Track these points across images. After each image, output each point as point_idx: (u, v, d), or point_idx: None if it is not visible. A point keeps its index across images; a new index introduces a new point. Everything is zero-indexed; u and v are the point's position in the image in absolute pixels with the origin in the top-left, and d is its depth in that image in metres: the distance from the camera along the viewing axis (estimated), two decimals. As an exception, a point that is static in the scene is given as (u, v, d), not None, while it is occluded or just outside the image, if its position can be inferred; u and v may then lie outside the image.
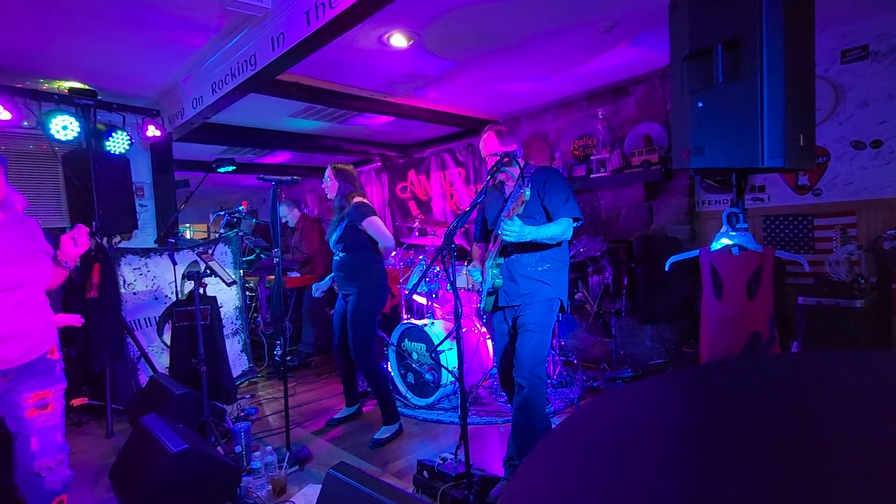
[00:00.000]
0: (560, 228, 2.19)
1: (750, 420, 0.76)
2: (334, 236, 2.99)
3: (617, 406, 0.91)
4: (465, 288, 3.84)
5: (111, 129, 3.76)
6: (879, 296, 2.69)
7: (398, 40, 3.08)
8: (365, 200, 3.01)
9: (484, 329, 3.76)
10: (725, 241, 1.98)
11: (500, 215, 2.28)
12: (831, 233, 3.12)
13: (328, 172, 3.03)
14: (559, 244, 2.27)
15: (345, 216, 2.94)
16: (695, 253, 2.12)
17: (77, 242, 1.80)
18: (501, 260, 2.31)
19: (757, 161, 1.64)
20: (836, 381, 0.91)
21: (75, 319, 2.27)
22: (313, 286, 3.29)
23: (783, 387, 0.89)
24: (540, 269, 2.26)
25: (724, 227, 2.01)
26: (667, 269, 2.33)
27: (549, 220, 2.25)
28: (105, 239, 3.65)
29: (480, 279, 2.42)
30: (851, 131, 3.11)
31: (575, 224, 2.24)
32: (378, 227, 2.93)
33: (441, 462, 2.26)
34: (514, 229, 2.12)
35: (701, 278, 2.10)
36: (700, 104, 1.78)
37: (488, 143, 2.36)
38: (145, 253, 3.80)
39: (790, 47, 1.62)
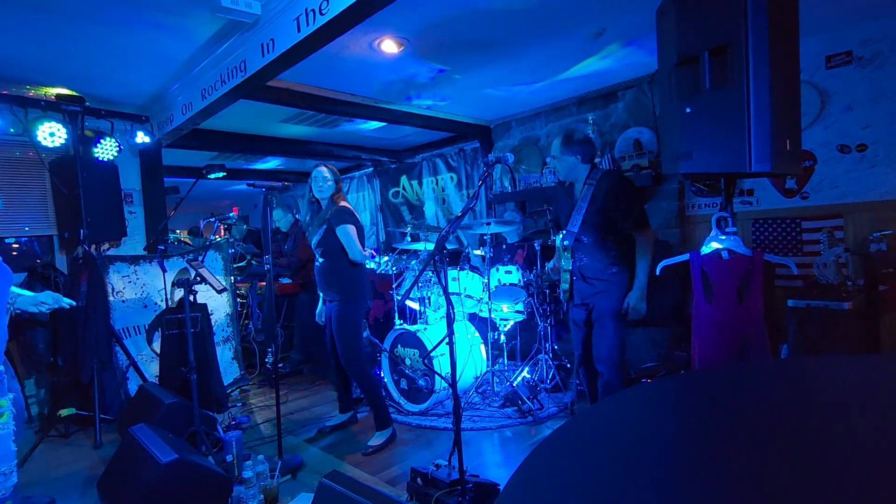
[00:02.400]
0: (646, 260, 2.41)
1: (741, 429, 0.76)
2: (314, 240, 2.91)
3: (609, 415, 0.91)
4: (456, 293, 3.83)
5: (99, 135, 3.73)
6: (867, 298, 2.72)
7: (389, 46, 3.09)
8: (348, 206, 2.91)
9: (478, 333, 3.76)
10: (715, 245, 2.00)
11: (571, 213, 2.52)
12: (819, 235, 3.16)
13: (326, 172, 2.88)
14: (627, 248, 2.46)
15: (327, 219, 2.87)
16: (685, 257, 2.14)
17: None
18: (570, 266, 2.52)
19: (744, 166, 1.66)
20: (828, 387, 0.91)
21: None
22: (317, 313, 3.19)
23: (776, 395, 0.90)
24: (610, 272, 2.46)
25: (713, 230, 2.03)
26: (658, 272, 2.35)
27: (611, 230, 2.43)
28: (93, 246, 3.61)
29: (556, 275, 2.68)
30: (837, 135, 3.16)
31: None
32: (349, 236, 2.79)
33: (435, 469, 2.25)
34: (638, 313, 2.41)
35: (691, 282, 2.12)
36: (688, 110, 1.79)
37: (553, 147, 2.58)
38: (134, 260, 3.76)
39: (776, 53, 1.64)
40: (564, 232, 2.52)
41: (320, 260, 2.92)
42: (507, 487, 0.67)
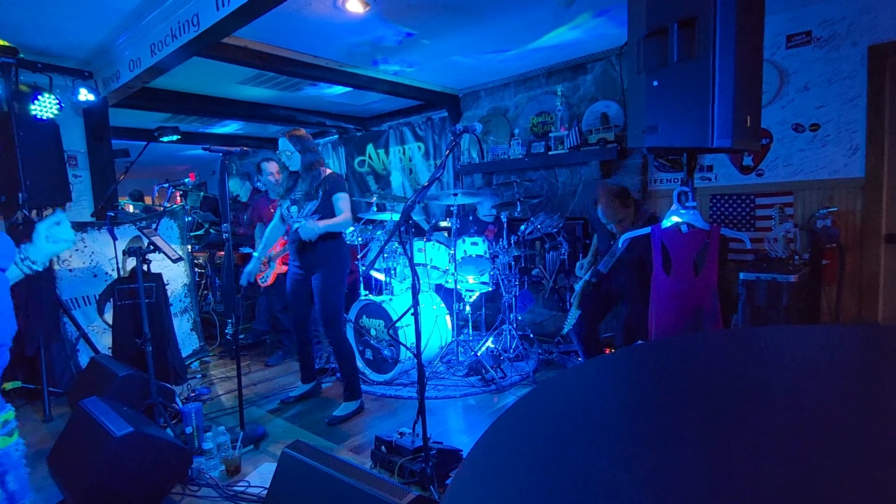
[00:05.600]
0: None
1: (695, 395, 0.79)
2: (309, 206, 2.82)
3: (571, 384, 0.93)
4: (422, 263, 3.82)
5: (37, 91, 3.43)
6: (811, 271, 2.88)
7: (354, 5, 2.94)
8: (334, 172, 2.93)
9: (443, 304, 3.78)
10: (675, 219, 2.04)
11: (608, 245, 2.82)
12: (771, 212, 3.29)
13: (286, 142, 2.83)
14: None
15: (320, 186, 2.79)
16: (647, 230, 2.18)
17: None
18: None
19: (707, 141, 1.69)
20: (774, 355, 0.96)
21: None
22: (244, 272, 2.98)
23: (727, 362, 0.93)
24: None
25: (674, 205, 2.07)
26: (621, 245, 2.40)
27: None
28: (34, 212, 3.37)
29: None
30: (793, 114, 3.26)
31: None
32: (347, 202, 2.84)
33: (399, 437, 2.28)
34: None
35: (651, 254, 2.17)
36: (655, 83, 1.79)
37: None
38: (81, 227, 3.55)
39: (742, 29, 1.65)
40: (602, 263, 2.74)
41: None
42: (471, 453, 0.67)
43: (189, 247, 4.25)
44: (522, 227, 3.91)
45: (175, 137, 3.19)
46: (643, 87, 1.84)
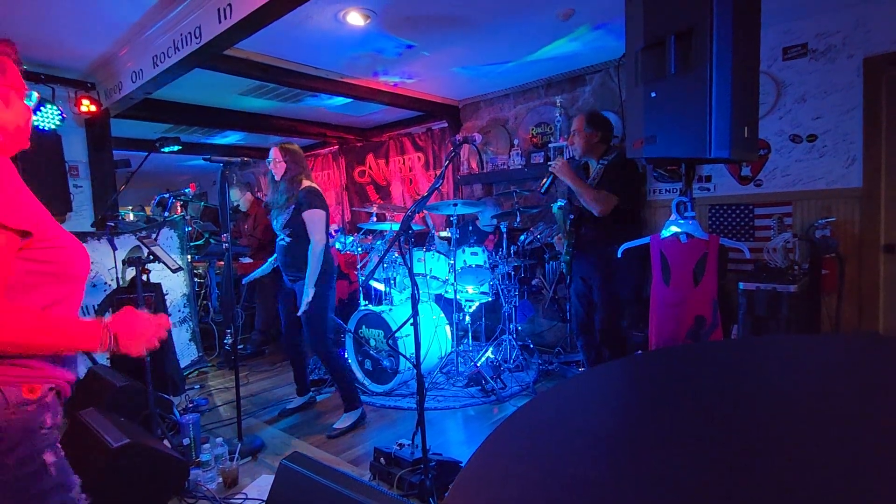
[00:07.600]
0: (597, 204, 2.55)
1: (694, 405, 0.79)
2: (280, 220, 2.85)
3: (570, 394, 0.93)
4: (422, 273, 3.82)
5: (39, 102, 3.46)
6: (810, 281, 2.88)
7: (355, 18, 2.98)
8: (315, 186, 2.87)
9: (443, 314, 3.77)
10: (674, 229, 2.05)
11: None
12: (769, 221, 3.29)
13: (274, 153, 2.86)
14: (628, 230, 2.56)
15: (294, 200, 2.80)
16: (646, 240, 2.19)
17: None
18: (573, 239, 2.67)
19: (705, 151, 1.70)
20: (773, 364, 0.95)
21: None
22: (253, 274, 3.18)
23: (727, 372, 0.93)
24: (607, 249, 2.50)
25: (673, 215, 2.07)
26: (619, 255, 2.40)
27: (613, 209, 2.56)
28: (35, 222, 3.38)
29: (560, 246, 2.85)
30: (790, 125, 3.28)
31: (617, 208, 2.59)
32: (315, 222, 2.76)
33: (398, 448, 2.26)
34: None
35: (651, 264, 2.17)
36: (653, 94, 1.81)
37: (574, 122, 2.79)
38: (81, 237, 3.55)
39: (738, 41, 1.67)
40: (563, 203, 2.69)
41: (287, 240, 2.85)
42: (468, 464, 0.67)
43: (189, 257, 4.25)
44: (522, 237, 3.92)
45: (176, 148, 3.21)
46: (641, 98, 1.85)
